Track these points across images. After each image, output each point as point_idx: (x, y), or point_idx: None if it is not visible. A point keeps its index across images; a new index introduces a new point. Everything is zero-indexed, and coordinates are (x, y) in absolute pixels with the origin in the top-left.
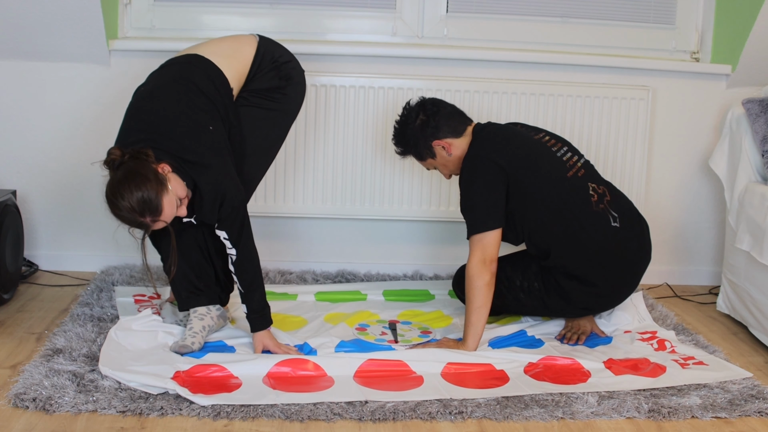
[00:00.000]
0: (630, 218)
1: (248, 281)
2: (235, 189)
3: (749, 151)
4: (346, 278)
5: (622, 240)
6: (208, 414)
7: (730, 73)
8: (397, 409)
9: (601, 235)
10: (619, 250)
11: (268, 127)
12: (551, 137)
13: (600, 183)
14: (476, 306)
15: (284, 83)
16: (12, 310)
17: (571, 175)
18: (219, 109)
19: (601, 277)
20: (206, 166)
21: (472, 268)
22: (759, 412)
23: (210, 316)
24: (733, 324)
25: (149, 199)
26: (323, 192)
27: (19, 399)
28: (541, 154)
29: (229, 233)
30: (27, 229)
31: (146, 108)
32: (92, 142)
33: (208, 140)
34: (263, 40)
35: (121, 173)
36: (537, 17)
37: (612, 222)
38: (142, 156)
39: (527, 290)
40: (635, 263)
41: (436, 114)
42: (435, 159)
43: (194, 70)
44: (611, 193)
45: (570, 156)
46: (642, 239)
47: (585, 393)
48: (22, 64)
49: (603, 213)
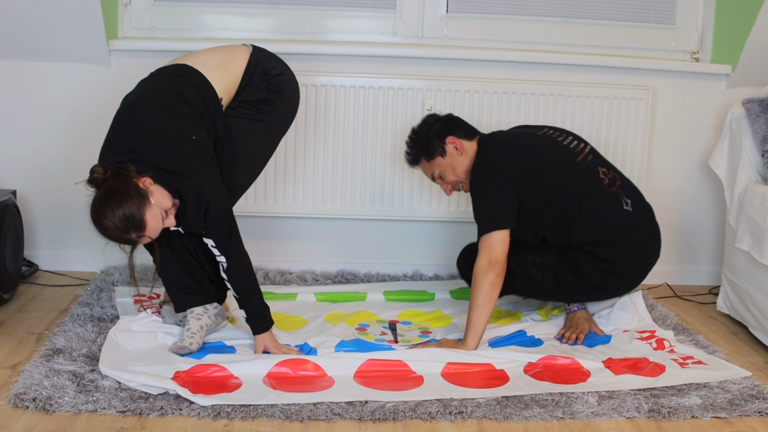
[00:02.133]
0: (641, 204)
1: (243, 287)
2: (219, 197)
3: (749, 151)
4: (346, 278)
5: (635, 224)
6: (208, 414)
7: (730, 73)
8: (397, 409)
9: (615, 217)
10: (633, 233)
11: (255, 138)
12: (554, 130)
13: (609, 168)
14: (477, 303)
15: (274, 96)
16: (12, 310)
17: (581, 160)
18: (205, 119)
19: (618, 254)
20: (188, 175)
21: (479, 267)
22: (759, 412)
23: (207, 315)
24: (733, 324)
25: (131, 215)
26: (323, 192)
27: (19, 399)
28: (548, 145)
29: (217, 241)
30: (27, 229)
31: (131, 117)
32: (92, 142)
33: (190, 149)
34: (256, 51)
35: (101, 193)
36: (537, 17)
37: (624, 206)
38: (124, 172)
39: (540, 266)
40: (648, 247)
41: (450, 120)
42: (444, 158)
43: (181, 81)
44: (621, 179)
45: (576, 143)
46: (652, 225)
47: (585, 393)
48: (22, 64)
49: (616, 196)
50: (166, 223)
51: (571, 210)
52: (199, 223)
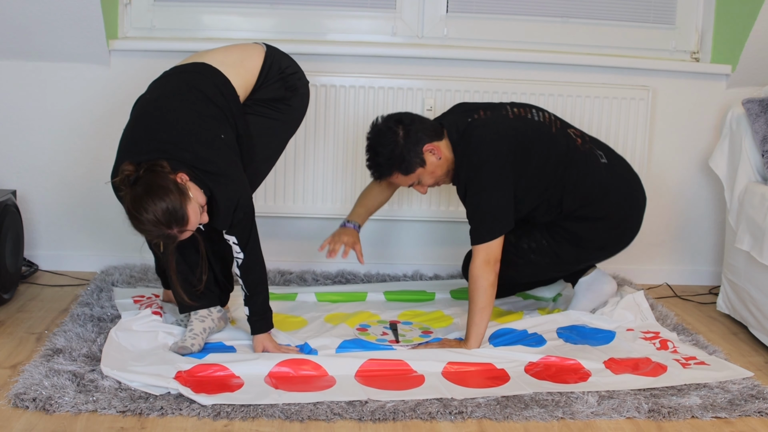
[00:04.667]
0: (610, 152)
1: (254, 284)
2: (247, 195)
3: (749, 151)
4: (346, 278)
5: (615, 172)
6: (208, 414)
7: (730, 73)
8: (397, 409)
9: (597, 173)
10: (616, 180)
11: (270, 136)
12: (517, 107)
13: (573, 127)
14: (480, 306)
15: (290, 94)
16: (12, 310)
17: (555, 131)
18: (228, 118)
19: (610, 206)
20: (222, 175)
21: (476, 268)
22: (759, 412)
23: (211, 318)
24: (733, 324)
25: (174, 209)
26: (323, 192)
27: (19, 399)
28: (525, 127)
29: (239, 238)
30: (27, 229)
31: (155, 118)
32: (92, 142)
33: (220, 149)
34: (270, 50)
35: (141, 188)
36: (537, 17)
37: (601, 158)
38: (158, 168)
39: (537, 250)
40: (634, 186)
41: (413, 122)
42: (425, 167)
43: (202, 79)
44: (585, 134)
45: (541, 115)
46: (631, 172)
47: (585, 393)
48: (22, 64)
49: (590, 151)
50: (201, 219)
51: (561, 182)
52: (228, 220)
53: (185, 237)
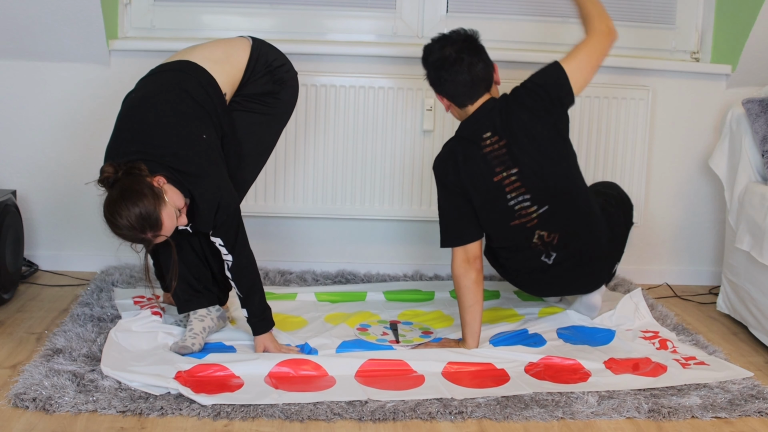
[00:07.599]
0: (575, 259)
1: (247, 286)
2: (229, 196)
3: (749, 151)
4: (346, 278)
5: (550, 275)
6: (208, 414)
7: (730, 73)
8: (397, 409)
9: (526, 263)
10: (546, 278)
11: (261, 131)
12: (517, 178)
13: (554, 230)
14: (468, 305)
15: (278, 88)
16: (12, 310)
17: (517, 224)
18: (212, 117)
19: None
20: (201, 176)
21: (457, 268)
22: (759, 412)
23: (210, 317)
24: (733, 324)
25: (148, 214)
26: (323, 192)
27: (19, 399)
28: (492, 201)
29: (225, 239)
30: (27, 229)
31: (137, 118)
32: (92, 142)
33: (201, 149)
34: (256, 43)
35: (116, 192)
36: (537, 17)
37: (543, 257)
38: (135, 171)
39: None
40: (546, 286)
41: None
42: (494, 79)
43: (187, 78)
44: (565, 239)
45: (527, 206)
46: (580, 278)
47: (585, 393)
48: (22, 64)
49: (537, 249)
50: (178, 222)
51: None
52: (209, 222)
53: (160, 241)
